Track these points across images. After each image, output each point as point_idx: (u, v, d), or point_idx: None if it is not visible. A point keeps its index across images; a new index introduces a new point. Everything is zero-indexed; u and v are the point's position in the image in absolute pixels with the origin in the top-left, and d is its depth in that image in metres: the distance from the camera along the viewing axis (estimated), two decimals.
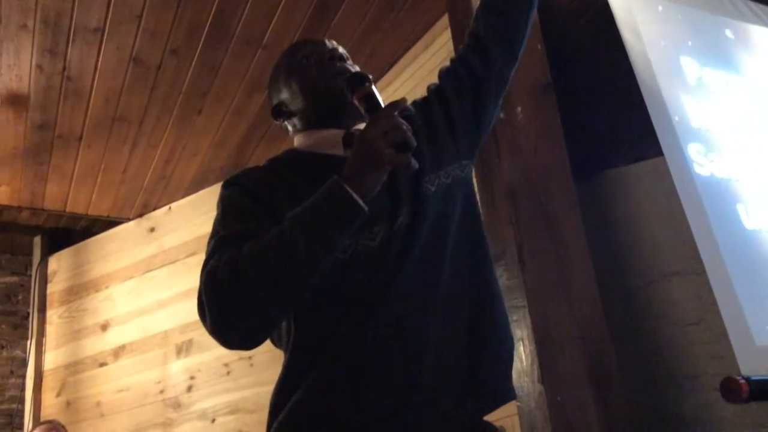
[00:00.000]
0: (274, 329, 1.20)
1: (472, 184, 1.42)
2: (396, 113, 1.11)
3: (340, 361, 1.16)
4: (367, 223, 1.14)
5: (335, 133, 1.31)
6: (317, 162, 1.24)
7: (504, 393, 1.29)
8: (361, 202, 1.09)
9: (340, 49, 1.41)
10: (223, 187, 1.31)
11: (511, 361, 1.31)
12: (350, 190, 1.08)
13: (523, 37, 1.50)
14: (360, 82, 1.20)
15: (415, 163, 1.10)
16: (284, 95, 1.40)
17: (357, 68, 1.39)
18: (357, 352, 1.16)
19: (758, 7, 2.92)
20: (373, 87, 1.19)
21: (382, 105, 1.17)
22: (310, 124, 1.37)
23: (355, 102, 1.20)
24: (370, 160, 1.10)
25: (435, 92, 1.45)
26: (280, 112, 1.41)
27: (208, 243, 1.21)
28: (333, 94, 1.30)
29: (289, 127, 1.42)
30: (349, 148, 1.19)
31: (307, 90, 1.36)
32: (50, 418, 4.05)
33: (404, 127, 1.09)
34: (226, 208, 1.26)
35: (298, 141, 1.40)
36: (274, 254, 1.09)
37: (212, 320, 1.11)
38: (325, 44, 1.41)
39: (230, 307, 1.10)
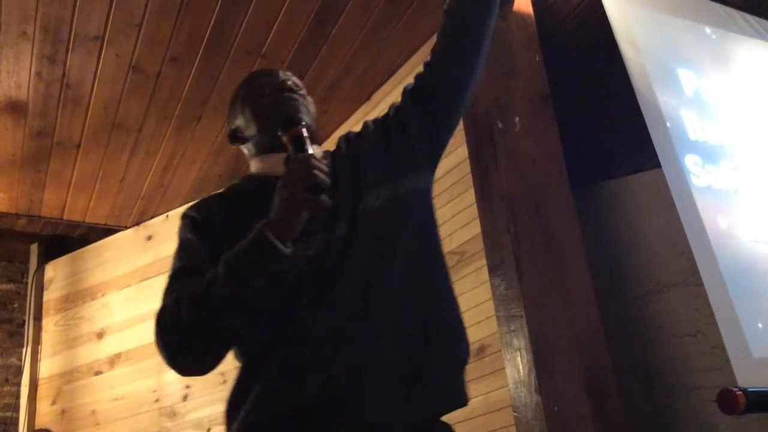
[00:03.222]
0: (222, 357, 1.27)
1: (431, 196, 1.48)
2: (312, 157, 1.20)
3: (282, 368, 1.23)
4: (303, 233, 1.22)
5: (282, 157, 1.36)
6: (269, 186, 1.28)
7: (452, 394, 1.32)
8: (280, 246, 1.17)
9: (292, 80, 1.49)
10: (180, 218, 1.42)
11: (463, 366, 1.35)
12: (270, 236, 1.17)
13: (479, 47, 1.51)
14: (292, 124, 1.28)
15: (328, 202, 1.18)
16: (240, 122, 1.50)
17: (309, 99, 1.49)
18: (298, 360, 1.22)
19: (756, 21, 2.93)
20: (304, 130, 1.26)
21: (308, 147, 1.24)
22: (261, 149, 1.47)
23: (285, 142, 1.27)
24: (287, 205, 1.18)
25: (395, 110, 1.53)
26: (235, 137, 1.51)
27: (169, 273, 1.35)
28: (278, 123, 1.36)
29: (245, 151, 1.52)
30: None
31: (258, 118, 1.46)
32: (44, 427, 4.03)
33: (316, 170, 1.17)
34: (179, 242, 1.39)
35: (253, 166, 1.50)
36: (206, 300, 1.20)
37: (164, 355, 1.24)
38: (279, 75, 1.50)
39: (175, 348, 1.23)
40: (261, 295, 1.20)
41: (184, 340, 1.21)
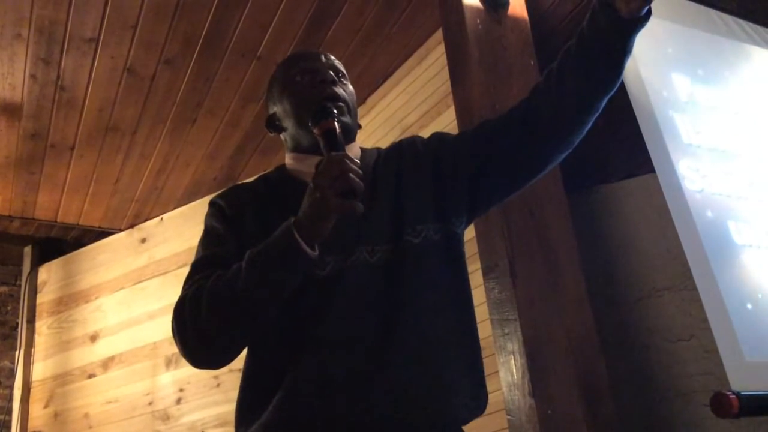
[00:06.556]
0: (238, 352, 1.24)
1: (463, 242, 1.39)
2: (346, 158, 1.12)
3: (305, 375, 1.19)
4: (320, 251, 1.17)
5: (316, 161, 1.28)
6: (299, 188, 1.22)
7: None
8: (307, 249, 1.12)
9: (334, 67, 1.40)
10: (209, 205, 1.37)
11: (474, 414, 1.33)
12: (298, 238, 1.12)
13: (584, 125, 1.35)
14: (324, 117, 1.21)
15: (360, 208, 1.11)
16: (277, 109, 1.42)
17: (350, 89, 1.39)
18: (320, 367, 1.19)
19: (749, 26, 2.95)
20: (336, 123, 1.20)
21: (341, 143, 1.18)
22: (297, 146, 1.39)
23: (316, 135, 1.21)
24: (317, 207, 1.12)
25: (452, 144, 1.41)
26: (273, 124, 1.43)
27: (193, 260, 1.30)
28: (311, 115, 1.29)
29: (282, 139, 1.44)
30: None
31: (296, 111, 1.36)
32: (37, 430, 4.02)
33: (352, 173, 1.10)
34: (205, 229, 1.34)
35: (287, 160, 1.42)
36: (227, 296, 1.16)
37: (179, 345, 1.21)
38: (320, 61, 1.40)
39: (192, 339, 1.20)
40: (281, 297, 1.16)
41: (202, 335, 1.18)
